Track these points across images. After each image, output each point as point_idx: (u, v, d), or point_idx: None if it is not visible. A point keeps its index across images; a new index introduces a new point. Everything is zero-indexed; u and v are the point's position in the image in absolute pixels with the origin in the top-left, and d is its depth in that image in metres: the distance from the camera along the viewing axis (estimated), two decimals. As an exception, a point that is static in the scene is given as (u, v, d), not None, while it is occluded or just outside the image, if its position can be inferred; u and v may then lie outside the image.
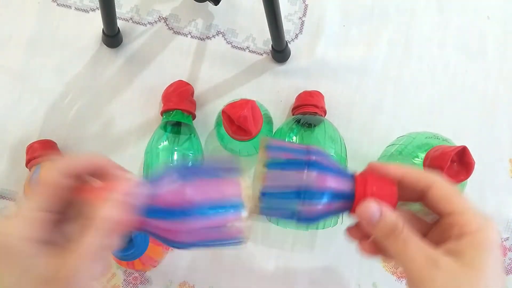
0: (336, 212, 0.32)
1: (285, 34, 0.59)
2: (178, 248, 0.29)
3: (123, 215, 0.26)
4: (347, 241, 0.34)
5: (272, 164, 0.31)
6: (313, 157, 0.32)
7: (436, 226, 0.32)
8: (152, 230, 0.28)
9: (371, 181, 0.31)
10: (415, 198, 0.33)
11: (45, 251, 0.25)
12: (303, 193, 0.31)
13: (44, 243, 0.25)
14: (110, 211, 0.26)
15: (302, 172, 0.31)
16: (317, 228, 0.56)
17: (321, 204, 0.31)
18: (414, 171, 0.32)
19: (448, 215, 0.30)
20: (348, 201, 0.32)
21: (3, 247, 0.24)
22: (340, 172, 0.32)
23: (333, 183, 0.31)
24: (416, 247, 0.29)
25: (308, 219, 0.32)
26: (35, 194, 0.26)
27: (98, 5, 0.62)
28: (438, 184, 0.31)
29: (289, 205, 0.31)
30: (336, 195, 0.31)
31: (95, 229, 0.25)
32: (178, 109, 0.57)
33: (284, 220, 0.33)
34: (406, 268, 0.29)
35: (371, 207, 0.30)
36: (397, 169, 0.32)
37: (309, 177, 0.31)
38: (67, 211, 0.28)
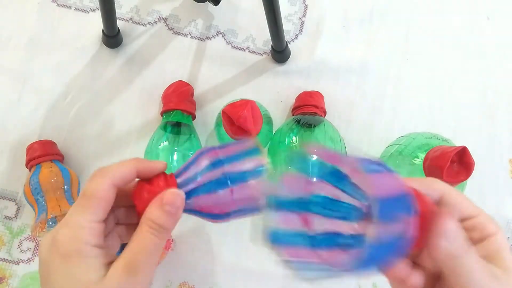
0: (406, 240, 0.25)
1: (285, 35, 0.59)
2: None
3: (169, 222, 0.29)
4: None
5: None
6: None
7: None
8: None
9: (422, 195, 0.27)
10: None
11: (104, 253, 0.29)
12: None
13: (101, 247, 0.29)
14: (163, 219, 0.29)
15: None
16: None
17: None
18: (427, 181, 0.30)
19: (465, 219, 0.29)
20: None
21: (77, 250, 0.28)
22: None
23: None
24: (481, 263, 0.27)
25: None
26: (90, 205, 0.29)
27: (98, 6, 0.62)
28: (450, 191, 0.30)
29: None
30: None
31: (147, 228, 0.29)
32: (178, 110, 0.57)
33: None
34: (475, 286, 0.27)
35: (453, 224, 0.26)
36: (411, 181, 0.29)
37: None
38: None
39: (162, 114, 0.59)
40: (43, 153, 0.56)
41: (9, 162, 0.60)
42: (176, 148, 0.55)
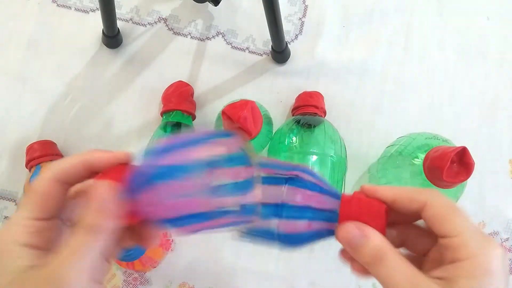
0: (320, 234, 0.30)
1: (285, 35, 0.59)
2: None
3: (100, 219, 0.26)
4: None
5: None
6: (296, 173, 0.29)
7: (435, 246, 0.29)
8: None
9: (357, 201, 0.29)
10: (413, 220, 0.31)
11: (33, 254, 0.26)
12: (281, 208, 0.28)
13: (34, 248, 0.26)
14: (91, 217, 0.26)
15: (281, 187, 0.29)
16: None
17: (301, 221, 0.29)
18: (406, 191, 0.29)
19: (442, 237, 0.27)
20: (332, 223, 0.29)
21: (2, 249, 0.26)
22: (325, 191, 0.30)
23: (314, 200, 0.29)
24: (400, 274, 0.26)
25: (290, 238, 0.29)
26: (27, 201, 0.27)
27: (98, 6, 0.62)
28: (432, 202, 0.28)
29: (268, 220, 0.29)
30: (317, 214, 0.29)
31: (78, 232, 0.25)
32: (178, 110, 0.57)
33: (266, 239, 0.30)
34: None
35: (351, 231, 0.28)
36: (388, 190, 0.29)
37: (288, 191, 0.28)
38: (62, 214, 0.28)
39: (162, 114, 0.59)
40: (43, 154, 0.56)
41: (9, 162, 0.60)
42: (176, 149, 0.55)
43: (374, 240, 0.27)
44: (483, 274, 0.25)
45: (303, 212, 0.29)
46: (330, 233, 0.30)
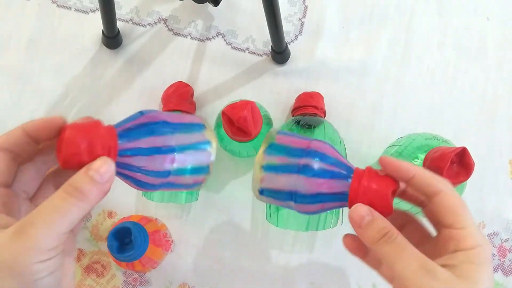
0: (335, 207, 0.33)
1: (284, 35, 0.59)
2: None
3: (88, 187, 0.27)
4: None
5: (268, 167, 0.34)
6: (305, 161, 0.32)
7: (432, 238, 0.32)
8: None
9: (367, 180, 0.31)
10: (418, 202, 0.33)
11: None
12: (294, 195, 0.33)
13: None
14: (78, 180, 0.27)
15: (293, 176, 0.32)
16: (317, 229, 0.56)
17: (313, 205, 0.33)
18: (427, 174, 0.31)
19: (446, 227, 0.30)
20: (344, 201, 0.32)
21: None
22: (336, 174, 0.32)
23: (324, 186, 0.32)
24: (410, 254, 0.28)
25: (306, 212, 0.34)
26: None
27: (98, 6, 0.63)
28: (446, 193, 0.30)
29: (285, 202, 0.34)
30: (329, 197, 0.32)
31: (59, 191, 0.27)
32: (177, 110, 0.57)
33: (285, 207, 0.35)
34: (399, 275, 0.28)
35: (361, 211, 0.30)
36: (410, 166, 0.31)
37: (299, 181, 0.32)
38: (14, 185, 0.30)
39: (162, 114, 0.59)
40: (43, 154, 0.56)
41: (9, 163, 0.60)
42: (176, 149, 0.55)
43: (383, 219, 0.30)
44: (484, 262, 0.28)
45: (314, 198, 0.32)
46: (344, 206, 0.33)
